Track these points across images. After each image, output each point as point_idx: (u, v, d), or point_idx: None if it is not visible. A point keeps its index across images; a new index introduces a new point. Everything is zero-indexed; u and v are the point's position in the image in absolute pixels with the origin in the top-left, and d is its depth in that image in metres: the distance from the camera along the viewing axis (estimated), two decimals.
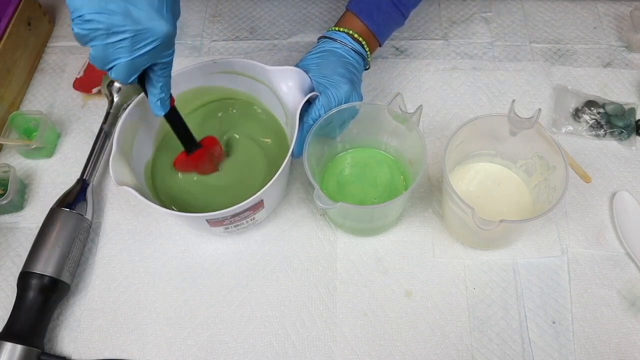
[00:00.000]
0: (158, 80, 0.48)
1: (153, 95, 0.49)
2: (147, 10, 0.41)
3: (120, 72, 0.44)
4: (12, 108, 0.70)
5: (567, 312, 0.55)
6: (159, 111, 0.50)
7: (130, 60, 0.43)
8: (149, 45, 0.43)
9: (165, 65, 0.47)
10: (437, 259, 0.58)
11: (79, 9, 0.40)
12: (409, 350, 0.54)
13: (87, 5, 0.40)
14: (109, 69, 0.44)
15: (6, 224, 0.63)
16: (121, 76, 0.44)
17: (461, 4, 0.78)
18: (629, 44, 0.73)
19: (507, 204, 0.58)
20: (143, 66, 0.45)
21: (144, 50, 0.43)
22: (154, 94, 0.49)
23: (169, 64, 0.47)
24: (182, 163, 0.59)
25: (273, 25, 0.78)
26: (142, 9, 0.41)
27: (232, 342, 0.55)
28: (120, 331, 0.56)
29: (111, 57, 0.43)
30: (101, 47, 0.42)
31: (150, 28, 0.42)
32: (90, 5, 0.40)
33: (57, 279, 0.55)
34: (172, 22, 0.44)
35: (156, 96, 0.49)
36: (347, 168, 0.62)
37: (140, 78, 0.47)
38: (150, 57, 0.44)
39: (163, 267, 0.59)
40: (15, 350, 0.51)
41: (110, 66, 0.43)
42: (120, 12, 0.40)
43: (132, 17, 0.41)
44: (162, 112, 0.51)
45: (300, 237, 0.60)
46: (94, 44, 0.42)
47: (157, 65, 0.46)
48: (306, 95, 0.56)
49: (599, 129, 0.65)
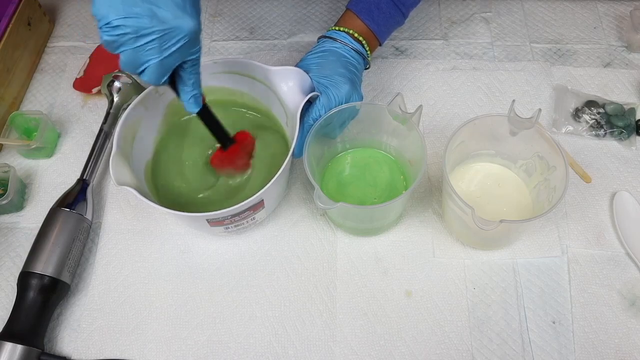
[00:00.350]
0: (189, 77, 0.48)
1: (186, 93, 0.49)
2: (171, 9, 0.42)
3: (152, 73, 0.44)
4: (12, 108, 0.70)
5: (567, 312, 0.55)
6: (193, 108, 0.50)
7: (160, 61, 0.43)
8: (178, 43, 0.43)
9: (195, 62, 0.47)
10: (437, 259, 0.58)
11: (105, 16, 0.40)
12: (409, 350, 0.54)
13: (112, 12, 0.40)
14: (141, 72, 0.44)
15: (6, 224, 0.63)
16: (153, 77, 0.44)
17: (461, 4, 0.78)
18: (629, 44, 0.73)
19: (507, 204, 0.58)
20: (173, 65, 0.45)
21: (173, 49, 0.43)
22: (186, 92, 0.49)
23: (198, 60, 0.47)
24: (219, 160, 0.59)
25: (273, 25, 0.78)
26: (166, 9, 0.41)
27: (232, 342, 0.55)
28: (120, 331, 0.56)
29: (142, 60, 0.43)
30: (131, 51, 0.42)
31: (177, 26, 0.42)
32: (116, 12, 0.40)
33: (57, 279, 0.55)
34: (197, 18, 0.44)
35: (189, 93, 0.49)
36: (347, 168, 0.62)
37: (171, 79, 0.47)
38: (179, 55, 0.44)
39: (163, 267, 0.59)
40: (15, 350, 0.51)
41: (142, 69, 0.44)
42: (146, 14, 0.41)
43: (158, 18, 0.41)
44: (196, 109, 0.51)
45: (300, 237, 0.60)
46: (123, 49, 0.42)
47: (186, 63, 0.46)
48: (306, 96, 0.56)
49: (599, 129, 0.65)
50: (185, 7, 0.43)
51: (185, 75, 0.48)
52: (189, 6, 0.43)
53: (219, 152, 0.58)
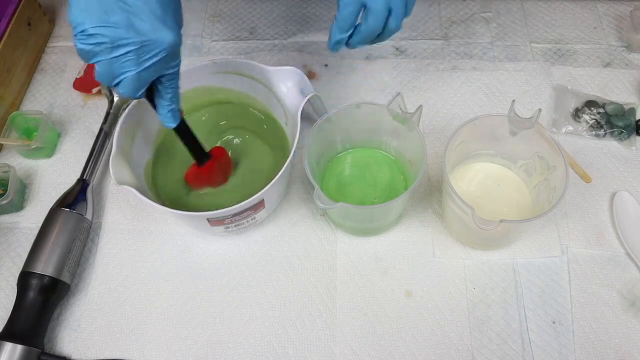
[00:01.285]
0: (167, 91, 0.47)
1: (163, 107, 0.48)
2: (150, 21, 0.40)
3: (127, 86, 0.43)
4: (12, 108, 0.70)
5: (567, 312, 0.55)
6: (170, 123, 0.49)
7: (137, 74, 0.42)
8: (155, 57, 0.42)
9: (173, 76, 0.46)
10: (437, 259, 0.58)
11: (81, 23, 0.39)
12: (409, 350, 0.54)
13: (89, 20, 0.39)
14: (116, 84, 0.43)
15: (6, 224, 0.63)
16: (129, 90, 0.43)
17: (461, 4, 0.78)
18: (629, 44, 0.73)
19: (507, 204, 0.58)
20: (150, 79, 0.44)
21: (151, 62, 0.42)
22: (163, 106, 0.48)
23: (176, 74, 0.46)
24: (194, 176, 0.58)
25: (273, 25, 0.78)
26: (145, 20, 0.40)
27: (232, 342, 0.55)
28: (120, 331, 0.56)
29: (117, 72, 0.42)
30: (106, 62, 0.41)
31: (155, 39, 0.41)
32: (92, 19, 0.39)
33: (57, 279, 0.55)
34: (177, 32, 0.43)
35: (166, 108, 0.48)
36: (347, 168, 0.62)
37: (148, 92, 0.46)
38: (157, 69, 0.43)
39: (163, 267, 0.59)
40: (15, 350, 0.51)
41: (117, 81, 0.43)
42: (124, 24, 0.40)
43: (136, 29, 0.40)
44: (173, 124, 0.50)
45: (300, 237, 0.60)
46: (98, 59, 0.41)
47: (164, 76, 0.45)
48: (306, 96, 0.56)
49: (599, 129, 0.65)
50: (166, 19, 0.41)
51: (163, 90, 0.47)
52: (169, 19, 0.42)
53: (194, 168, 0.57)
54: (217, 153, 0.58)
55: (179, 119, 0.50)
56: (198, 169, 0.57)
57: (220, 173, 0.59)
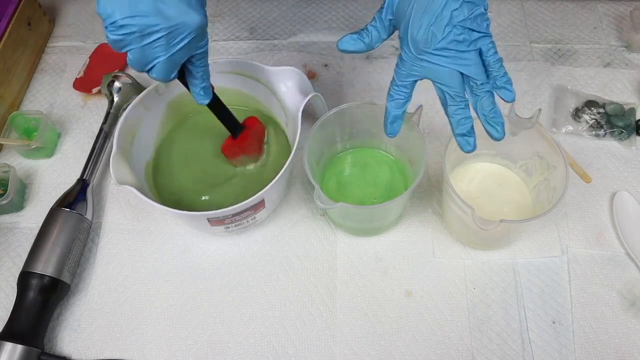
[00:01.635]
0: (198, 70, 0.47)
1: (195, 86, 0.49)
2: (177, 5, 0.41)
3: (160, 70, 0.43)
4: (12, 108, 0.70)
5: (567, 312, 0.55)
6: (203, 100, 0.50)
7: (168, 58, 0.43)
8: (185, 39, 0.42)
9: (202, 55, 0.47)
10: (437, 259, 0.58)
11: (111, 15, 0.40)
12: (409, 350, 0.54)
13: (118, 11, 0.40)
14: (149, 69, 0.44)
15: (6, 224, 0.63)
16: (162, 74, 0.44)
17: None
18: (629, 44, 0.73)
19: (507, 204, 0.58)
20: (181, 60, 0.44)
21: (181, 45, 0.42)
22: (195, 85, 0.49)
23: (205, 53, 0.47)
24: (230, 148, 0.59)
25: (273, 25, 0.78)
26: (172, 5, 0.41)
27: (232, 342, 0.55)
28: (120, 331, 0.56)
29: (149, 58, 0.42)
30: (138, 49, 0.41)
31: (183, 22, 0.41)
32: (122, 10, 0.40)
33: (57, 279, 0.55)
34: (203, 12, 0.43)
35: (198, 86, 0.49)
36: (347, 168, 0.62)
37: (179, 73, 0.47)
38: (187, 50, 0.44)
39: (163, 267, 0.59)
40: (15, 350, 0.51)
41: (150, 67, 0.43)
42: (152, 12, 0.40)
43: (164, 15, 0.40)
44: (207, 100, 0.50)
45: (300, 237, 0.60)
46: (130, 47, 0.41)
47: (194, 56, 0.46)
48: (306, 96, 0.56)
49: (599, 129, 0.65)
50: (191, 1, 0.42)
51: (194, 69, 0.47)
52: (194, 0, 0.42)
53: (229, 141, 0.58)
54: (250, 123, 0.59)
55: (211, 95, 0.51)
56: (233, 141, 0.58)
57: (255, 142, 0.60)
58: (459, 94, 0.45)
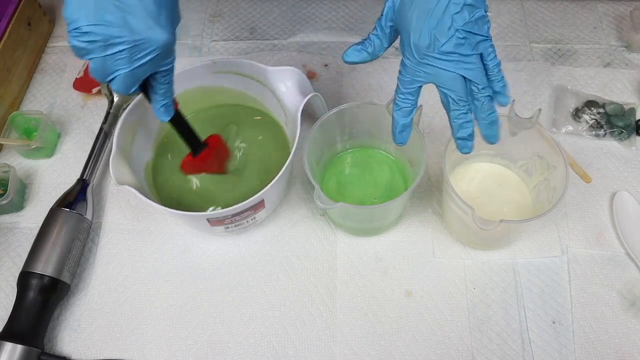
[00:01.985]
0: (160, 87, 0.47)
1: (156, 102, 0.48)
2: (144, 19, 0.40)
3: (120, 83, 0.43)
4: (12, 108, 0.70)
5: (567, 312, 0.55)
6: (163, 117, 0.50)
7: (130, 71, 0.42)
8: (149, 55, 0.42)
9: (167, 73, 0.46)
10: (437, 259, 0.58)
11: (75, 20, 0.39)
12: (409, 350, 0.54)
13: (83, 17, 0.39)
14: (109, 80, 0.43)
15: (6, 224, 0.63)
16: (122, 87, 0.43)
17: None
18: (629, 44, 0.73)
19: (507, 204, 0.58)
20: (143, 76, 0.44)
21: (143, 60, 0.42)
22: (157, 101, 0.48)
23: (170, 70, 0.46)
24: (190, 165, 0.58)
25: (273, 25, 0.78)
26: (139, 18, 0.40)
27: (232, 342, 0.55)
28: (120, 331, 0.56)
29: (111, 69, 0.42)
30: (100, 59, 0.41)
31: (149, 38, 0.41)
32: (87, 17, 0.39)
33: (57, 279, 0.55)
34: (171, 31, 0.43)
35: (159, 103, 0.48)
36: (347, 168, 0.62)
37: (143, 85, 0.47)
38: (150, 66, 0.43)
39: (163, 267, 0.59)
40: (15, 350, 0.51)
41: (110, 78, 0.43)
42: (117, 22, 0.40)
43: (130, 28, 0.40)
44: (167, 118, 0.50)
45: (300, 237, 0.60)
46: (92, 56, 0.41)
47: (158, 73, 0.45)
48: (306, 96, 0.56)
49: (599, 129, 0.65)
50: (160, 18, 0.41)
51: (156, 85, 0.47)
52: (163, 18, 0.42)
53: (189, 158, 0.57)
54: (212, 142, 0.58)
55: (172, 113, 0.50)
56: (193, 159, 0.57)
57: (217, 161, 0.59)
58: (462, 98, 0.45)
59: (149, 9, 0.41)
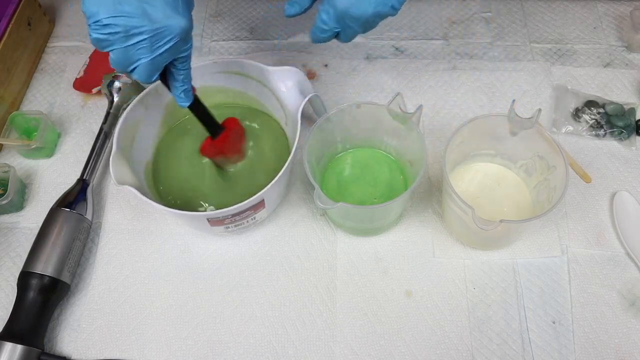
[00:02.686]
0: (179, 73, 0.48)
1: (176, 89, 0.49)
2: (162, 8, 0.41)
3: (142, 72, 0.44)
4: (12, 108, 0.70)
5: (567, 312, 0.55)
6: (184, 102, 0.51)
7: (151, 60, 0.43)
8: (169, 43, 0.43)
9: (185, 59, 0.47)
10: (437, 259, 0.58)
11: (95, 14, 0.40)
12: (409, 350, 0.54)
13: (102, 10, 0.40)
14: (131, 70, 0.44)
15: (6, 224, 0.63)
16: (144, 76, 0.44)
17: (461, 4, 0.78)
18: (629, 44, 0.73)
19: (507, 204, 0.58)
20: (164, 63, 0.45)
21: (164, 48, 0.43)
22: (177, 87, 0.49)
23: (189, 56, 0.48)
24: (209, 148, 0.58)
25: (273, 25, 0.78)
26: (157, 7, 0.41)
27: (232, 342, 0.55)
28: (120, 331, 0.56)
29: (132, 59, 0.43)
30: (121, 50, 0.42)
31: (168, 26, 0.42)
32: (106, 10, 0.40)
33: (57, 279, 0.55)
34: (189, 17, 0.44)
35: (179, 89, 0.49)
36: (347, 168, 0.62)
37: (162, 75, 0.47)
38: (170, 54, 0.44)
39: (163, 267, 0.59)
40: (15, 350, 0.51)
41: (132, 67, 0.44)
42: (137, 13, 0.40)
43: (149, 17, 0.41)
44: (187, 103, 0.51)
45: (300, 237, 0.60)
46: (113, 47, 0.42)
47: (177, 60, 0.46)
48: (305, 96, 0.56)
49: (599, 129, 0.65)
50: (177, 5, 0.42)
51: (176, 72, 0.48)
52: (180, 4, 0.43)
53: (208, 141, 0.58)
54: (230, 124, 0.59)
55: (192, 98, 0.51)
56: (212, 142, 0.58)
57: (234, 144, 0.60)
58: None
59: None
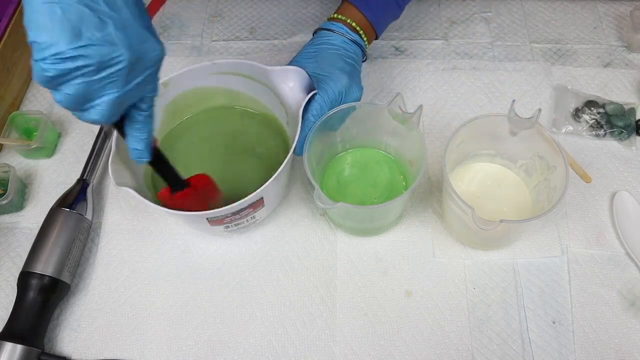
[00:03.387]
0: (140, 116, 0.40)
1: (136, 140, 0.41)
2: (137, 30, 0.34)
3: (105, 111, 0.35)
4: (12, 108, 0.70)
5: (567, 312, 0.55)
6: (145, 157, 0.43)
7: (120, 95, 0.35)
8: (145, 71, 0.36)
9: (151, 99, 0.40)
10: (437, 259, 0.58)
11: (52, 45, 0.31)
12: (409, 350, 0.54)
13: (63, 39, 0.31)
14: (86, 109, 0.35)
15: (6, 224, 0.63)
16: (106, 115, 0.36)
17: (461, 4, 0.78)
18: (629, 44, 0.73)
19: (507, 204, 0.58)
20: (133, 100, 0.38)
21: (140, 79, 0.36)
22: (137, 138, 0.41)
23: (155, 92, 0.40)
24: (166, 199, 0.52)
25: (273, 25, 0.78)
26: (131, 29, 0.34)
27: (232, 342, 0.55)
28: (120, 331, 0.56)
29: (93, 96, 0.34)
30: (82, 85, 0.33)
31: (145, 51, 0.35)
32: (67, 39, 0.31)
33: (57, 279, 0.55)
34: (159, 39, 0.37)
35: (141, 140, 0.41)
36: (347, 168, 0.62)
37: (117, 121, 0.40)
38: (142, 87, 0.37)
39: (163, 267, 0.59)
40: (15, 350, 0.51)
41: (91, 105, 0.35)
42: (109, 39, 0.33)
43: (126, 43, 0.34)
44: (148, 158, 0.43)
45: (300, 237, 0.60)
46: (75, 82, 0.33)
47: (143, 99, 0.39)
48: (307, 95, 0.56)
49: (599, 129, 0.65)
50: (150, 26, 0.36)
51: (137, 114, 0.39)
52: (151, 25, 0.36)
53: (167, 191, 0.51)
54: (198, 181, 0.53)
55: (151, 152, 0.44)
56: (171, 195, 0.51)
57: (199, 202, 0.52)
58: None
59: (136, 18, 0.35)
